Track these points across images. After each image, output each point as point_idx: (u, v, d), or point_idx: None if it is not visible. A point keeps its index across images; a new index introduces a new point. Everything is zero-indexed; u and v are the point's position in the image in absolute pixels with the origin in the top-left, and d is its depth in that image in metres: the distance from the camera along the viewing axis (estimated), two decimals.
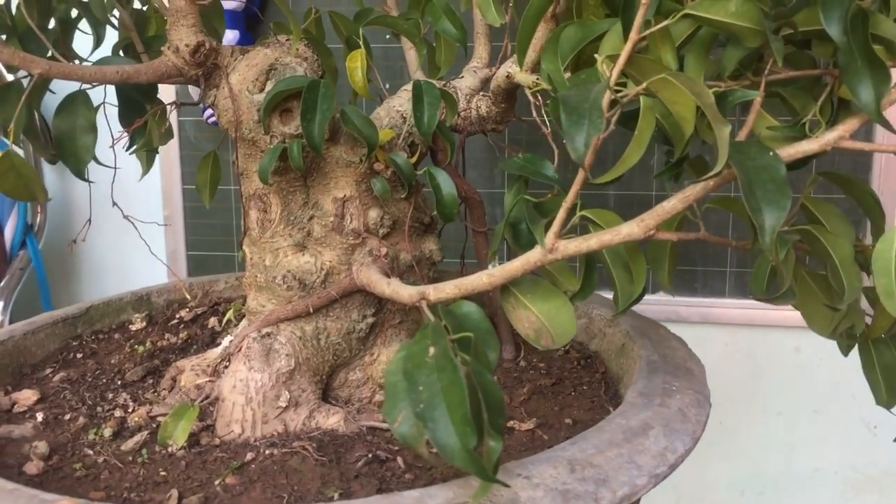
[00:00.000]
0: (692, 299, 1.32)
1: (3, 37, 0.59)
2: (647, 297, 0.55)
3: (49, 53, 0.62)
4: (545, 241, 0.48)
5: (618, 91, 0.43)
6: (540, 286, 0.51)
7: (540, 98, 0.65)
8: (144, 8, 0.78)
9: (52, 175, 1.42)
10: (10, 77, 0.71)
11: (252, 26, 1.34)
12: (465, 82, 0.71)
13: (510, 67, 0.64)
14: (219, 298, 0.86)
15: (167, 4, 0.69)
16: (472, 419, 0.37)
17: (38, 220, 1.38)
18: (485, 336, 0.44)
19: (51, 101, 0.64)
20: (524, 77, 0.62)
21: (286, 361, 0.60)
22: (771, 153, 0.43)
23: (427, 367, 0.39)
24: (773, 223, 0.41)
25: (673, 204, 0.46)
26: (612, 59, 0.46)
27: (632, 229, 0.47)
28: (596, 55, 0.46)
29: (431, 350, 0.40)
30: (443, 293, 0.52)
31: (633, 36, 0.43)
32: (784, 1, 0.47)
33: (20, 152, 1.36)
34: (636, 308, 0.57)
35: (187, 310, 0.83)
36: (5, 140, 1.31)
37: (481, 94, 0.71)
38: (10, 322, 1.29)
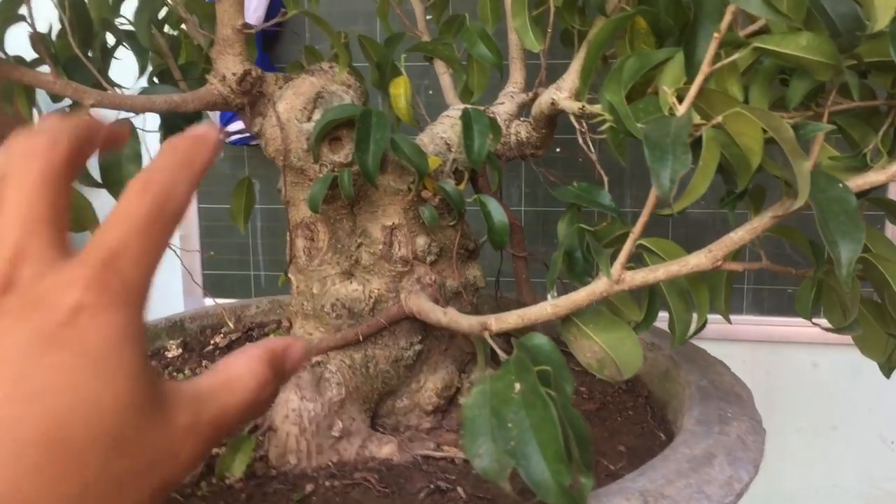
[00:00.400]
0: (710, 316, 1.32)
1: (46, 67, 0.59)
2: (661, 314, 0.55)
3: (94, 82, 0.62)
4: (612, 272, 0.48)
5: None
6: (602, 316, 0.51)
7: (584, 124, 0.65)
8: (175, 33, 0.79)
9: None
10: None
11: (269, 46, 1.34)
12: (504, 108, 0.71)
13: (554, 94, 0.64)
14: (251, 323, 0.86)
15: (198, 30, 0.69)
16: (564, 456, 0.37)
17: None
18: (560, 369, 0.44)
19: None
20: (570, 104, 0.62)
21: (337, 390, 0.60)
22: (840, 185, 0.43)
23: (515, 404, 0.39)
24: (849, 256, 0.41)
25: (740, 235, 0.46)
26: (678, 90, 0.47)
27: (699, 260, 0.47)
28: (664, 87, 0.47)
29: (517, 386, 0.40)
30: (505, 323, 0.52)
31: (705, 69, 0.43)
32: (841, 33, 0.48)
33: None
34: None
35: (222, 335, 0.82)
36: None
37: (520, 119, 0.71)
38: None
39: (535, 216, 1.38)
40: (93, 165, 0.64)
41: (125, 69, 0.69)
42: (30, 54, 0.60)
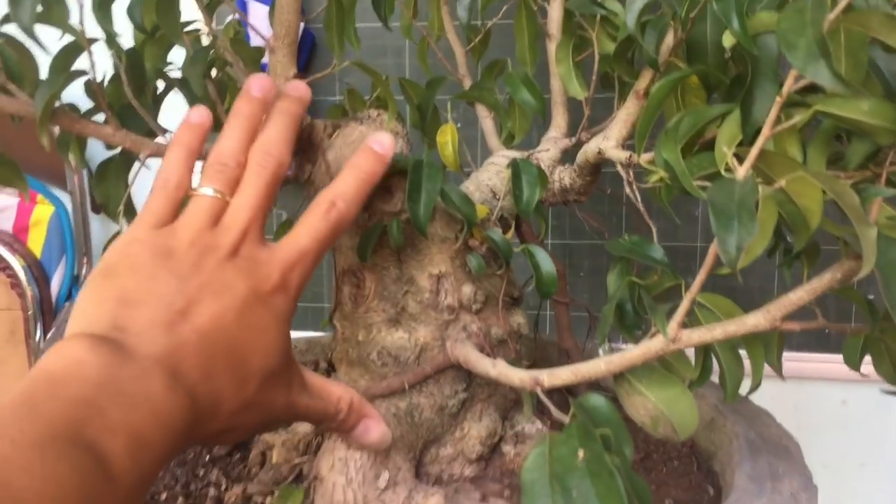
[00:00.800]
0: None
1: (102, 116, 0.60)
2: None
3: (147, 129, 0.62)
4: (668, 331, 0.48)
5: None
6: (655, 372, 0.51)
7: (632, 174, 0.65)
8: (219, 74, 0.79)
9: (97, 223, 1.43)
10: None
11: (299, 77, 1.35)
12: (549, 154, 0.71)
13: (601, 143, 0.64)
14: None
15: (243, 74, 0.69)
16: None
17: (83, 271, 1.38)
18: (619, 431, 0.44)
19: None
20: (618, 154, 0.62)
21: None
22: None
23: (579, 472, 0.39)
24: None
25: (800, 296, 0.46)
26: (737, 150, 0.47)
27: (758, 320, 0.47)
28: (723, 148, 0.47)
29: (581, 453, 0.39)
30: (558, 379, 0.52)
31: (766, 132, 0.43)
32: None
33: (67, 203, 1.37)
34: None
35: None
36: (51, 190, 1.32)
37: (564, 165, 0.72)
38: None
39: (561, 248, 1.38)
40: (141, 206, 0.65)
41: (171, 110, 0.70)
42: (80, 99, 0.61)
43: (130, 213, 0.63)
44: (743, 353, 0.55)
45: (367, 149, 0.51)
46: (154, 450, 0.36)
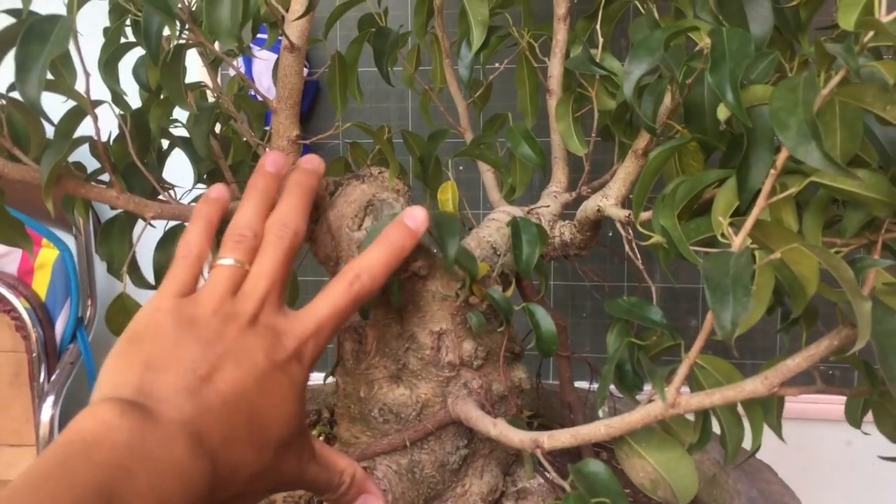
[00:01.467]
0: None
1: (106, 176, 0.60)
2: None
3: (151, 188, 0.63)
4: (667, 396, 0.48)
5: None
6: (655, 435, 0.51)
7: (631, 231, 0.66)
8: (223, 128, 0.81)
9: (101, 267, 1.44)
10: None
11: (302, 122, 1.37)
12: (549, 209, 0.72)
13: (600, 201, 0.65)
14: None
15: (246, 130, 0.71)
16: None
17: (88, 313, 1.39)
18: (617, 500, 0.44)
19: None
20: (617, 212, 0.63)
21: (383, 497, 0.60)
22: None
23: None
24: None
25: (797, 362, 0.46)
26: (732, 220, 0.48)
27: (755, 386, 0.47)
28: (719, 217, 0.47)
29: None
30: (558, 441, 0.52)
31: (762, 203, 0.44)
32: (893, 160, 0.49)
33: (72, 246, 1.38)
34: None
35: None
36: (56, 234, 1.33)
37: (564, 221, 0.72)
38: (61, 416, 1.30)
39: (564, 290, 1.38)
40: (145, 266, 0.66)
41: (176, 166, 0.71)
42: (86, 158, 0.62)
43: (134, 271, 0.64)
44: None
45: (399, 223, 0.52)
46: None
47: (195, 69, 0.69)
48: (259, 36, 0.85)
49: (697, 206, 0.56)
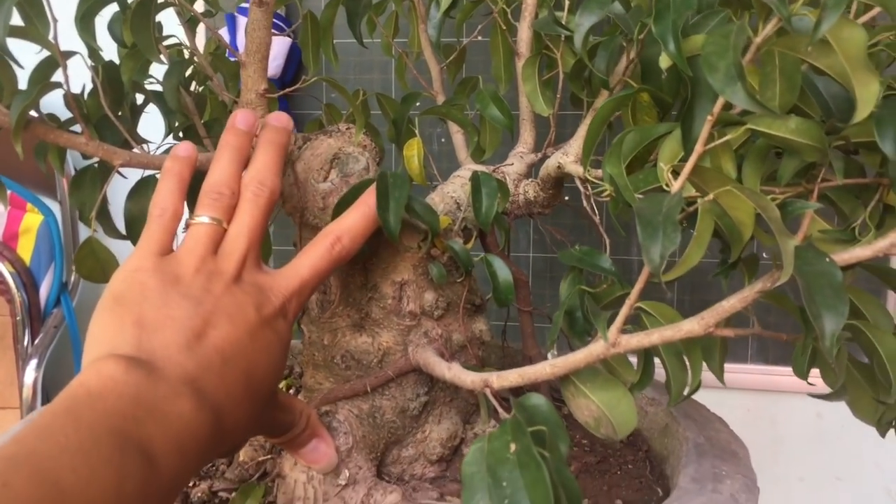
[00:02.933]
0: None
1: (79, 127, 0.62)
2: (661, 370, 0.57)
3: (123, 140, 0.65)
4: (608, 335, 0.50)
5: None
6: (599, 376, 0.53)
7: (589, 188, 0.68)
8: (200, 89, 0.82)
9: (85, 232, 1.45)
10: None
11: (286, 95, 1.38)
12: (514, 168, 0.74)
13: (560, 158, 0.67)
14: None
15: (222, 89, 0.72)
16: None
17: (72, 278, 1.41)
18: (556, 429, 0.46)
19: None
20: (575, 168, 0.65)
21: (344, 439, 0.62)
22: (827, 259, 0.46)
23: (510, 463, 0.41)
24: (832, 329, 0.43)
25: (732, 304, 0.49)
26: (674, 166, 0.50)
27: (692, 326, 0.49)
28: (661, 163, 0.49)
29: (513, 446, 0.42)
30: (506, 381, 0.54)
31: (699, 149, 0.46)
32: (834, 111, 0.50)
33: (57, 212, 1.40)
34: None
35: None
36: (41, 199, 1.35)
37: (529, 179, 0.74)
38: (44, 380, 1.32)
39: (543, 262, 1.40)
40: (117, 216, 0.68)
41: (153, 123, 0.72)
42: (61, 110, 0.64)
43: (105, 221, 0.65)
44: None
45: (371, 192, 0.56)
46: (187, 460, 0.40)
47: (174, 30, 0.71)
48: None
49: (652, 163, 0.57)
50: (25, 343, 1.33)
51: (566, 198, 0.76)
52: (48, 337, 1.34)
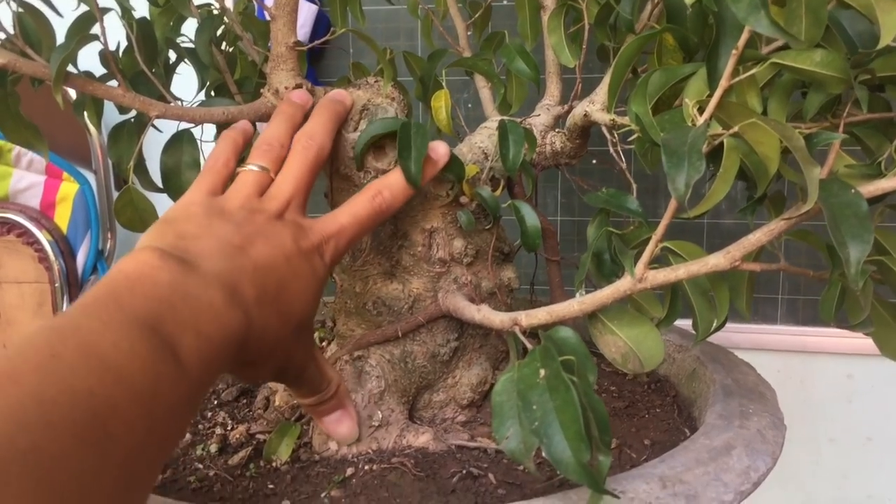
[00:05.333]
0: (744, 325, 1.34)
1: (115, 82, 0.64)
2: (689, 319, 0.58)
3: (158, 95, 0.67)
4: (635, 271, 0.51)
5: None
6: (626, 313, 0.54)
7: (616, 135, 0.68)
8: (231, 49, 0.84)
9: None
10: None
11: (315, 61, 1.39)
12: (540, 119, 0.75)
13: (587, 106, 0.67)
14: None
15: (252, 47, 0.73)
16: (584, 436, 0.40)
17: (108, 245, 1.44)
18: (584, 360, 0.47)
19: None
20: (602, 116, 0.65)
21: (377, 383, 0.64)
22: (852, 190, 0.46)
23: (539, 388, 0.42)
24: (857, 256, 0.44)
25: (758, 237, 0.49)
26: (699, 102, 0.50)
27: (718, 260, 0.50)
28: (686, 100, 0.50)
29: (542, 372, 0.43)
30: (535, 319, 0.55)
31: (724, 83, 0.46)
32: (860, 48, 0.51)
33: (92, 181, 1.43)
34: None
35: None
36: (77, 169, 1.37)
37: (555, 130, 0.75)
38: None
39: (570, 225, 1.41)
40: (154, 171, 0.69)
41: (186, 83, 0.74)
42: (97, 69, 0.65)
43: (142, 173, 0.67)
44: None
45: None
46: (216, 351, 0.41)
47: None
48: None
49: (678, 105, 0.58)
50: (64, 309, 1.36)
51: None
52: None
